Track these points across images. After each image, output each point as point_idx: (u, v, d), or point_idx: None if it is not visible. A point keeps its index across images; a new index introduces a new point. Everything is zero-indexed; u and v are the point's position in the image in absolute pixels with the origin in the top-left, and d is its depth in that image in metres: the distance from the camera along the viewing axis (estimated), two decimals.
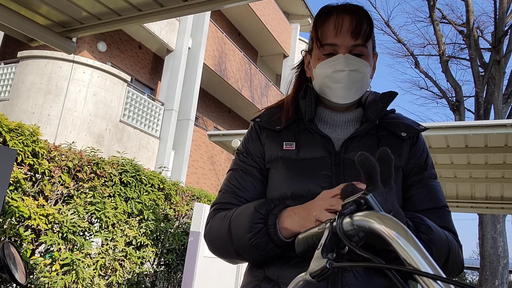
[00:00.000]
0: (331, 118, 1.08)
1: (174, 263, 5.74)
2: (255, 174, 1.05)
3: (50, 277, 4.13)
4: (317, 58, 1.05)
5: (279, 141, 1.04)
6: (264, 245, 0.88)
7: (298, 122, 1.07)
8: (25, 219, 3.93)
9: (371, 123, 1.04)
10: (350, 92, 1.02)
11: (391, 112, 1.11)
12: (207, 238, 1.03)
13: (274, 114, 1.10)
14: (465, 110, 11.60)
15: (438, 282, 0.46)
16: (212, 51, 12.93)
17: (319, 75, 1.04)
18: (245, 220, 0.91)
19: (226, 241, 0.95)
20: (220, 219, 0.99)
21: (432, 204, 1.01)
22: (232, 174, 1.07)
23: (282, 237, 0.87)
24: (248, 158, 1.07)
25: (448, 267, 0.93)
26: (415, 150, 1.06)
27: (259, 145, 1.08)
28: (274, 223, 0.88)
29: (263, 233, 0.88)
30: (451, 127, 3.71)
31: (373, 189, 0.59)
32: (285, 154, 1.01)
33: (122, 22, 1.99)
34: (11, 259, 1.35)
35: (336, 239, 0.58)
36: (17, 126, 3.95)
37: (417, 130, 1.07)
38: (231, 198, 1.02)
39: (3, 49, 10.53)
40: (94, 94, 9.24)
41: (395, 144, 1.02)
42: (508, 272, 9.63)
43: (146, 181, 5.36)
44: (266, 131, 1.08)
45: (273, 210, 0.91)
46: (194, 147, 12.43)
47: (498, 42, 10.59)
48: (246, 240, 0.90)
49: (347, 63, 0.99)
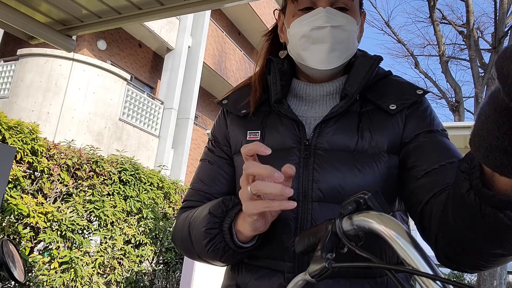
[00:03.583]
0: (306, 92, 0.88)
1: (172, 262, 5.74)
2: (223, 166, 0.90)
3: (48, 275, 4.13)
4: (292, 15, 0.85)
5: (243, 129, 0.88)
6: (222, 252, 0.76)
7: (268, 103, 0.89)
8: (24, 217, 3.93)
9: (350, 98, 0.83)
10: (333, 55, 0.81)
11: (383, 77, 0.88)
12: (173, 239, 0.90)
13: (242, 95, 0.93)
14: (465, 111, 11.62)
15: (437, 282, 0.46)
16: (212, 50, 12.92)
17: (295, 35, 0.84)
18: (200, 224, 0.78)
19: (188, 245, 0.83)
20: (183, 221, 0.86)
21: (447, 157, 0.74)
22: (201, 166, 0.94)
23: (239, 242, 0.75)
24: (216, 147, 0.93)
25: None
26: (415, 116, 0.82)
27: (226, 132, 0.92)
28: (229, 228, 0.74)
29: (219, 239, 0.75)
30: (450, 128, 3.72)
31: (373, 189, 0.59)
32: None
33: (122, 20, 1.98)
34: (9, 257, 1.35)
35: (335, 239, 0.58)
36: (17, 124, 3.95)
37: (412, 96, 0.82)
38: (198, 196, 0.89)
39: (3, 46, 10.53)
40: (93, 93, 9.24)
41: (381, 122, 0.81)
42: (506, 273, 9.64)
43: (145, 180, 5.36)
44: (232, 116, 0.92)
45: (229, 212, 0.76)
46: (194, 146, 12.44)
47: (498, 43, 10.60)
48: (203, 246, 0.77)
49: (329, 18, 0.80)
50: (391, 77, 0.89)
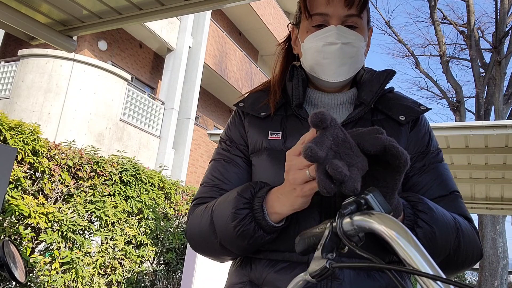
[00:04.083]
0: (322, 100, 0.96)
1: (173, 262, 5.74)
2: (240, 164, 0.94)
3: (49, 275, 4.13)
4: (306, 31, 0.93)
5: (264, 129, 0.93)
6: (252, 232, 0.78)
7: (285, 106, 0.96)
8: (25, 218, 3.93)
9: (365, 106, 0.92)
10: (343, 69, 0.90)
11: (389, 91, 0.98)
12: (188, 234, 0.91)
13: (259, 98, 0.99)
14: (466, 111, 11.60)
15: (437, 283, 0.46)
16: (212, 50, 12.93)
17: (308, 50, 0.92)
18: (227, 207, 0.80)
19: (209, 235, 0.84)
20: (200, 212, 0.88)
21: (439, 191, 0.88)
22: (214, 165, 0.96)
23: (271, 221, 0.78)
24: (232, 147, 0.97)
25: (461, 254, 0.82)
26: (416, 134, 0.94)
27: (242, 132, 0.97)
28: (260, 207, 0.78)
29: (249, 219, 0.78)
30: (451, 128, 3.71)
31: (373, 189, 0.59)
32: (270, 145, 0.90)
33: (123, 21, 1.99)
34: (10, 258, 1.35)
35: (336, 239, 0.58)
36: (17, 124, 3.96)
37: (418, 111, 0.93)
38: (213, 192, 0.91)
39: (4, 47, 10.54)
40: (94, 93, 9.25)
41: (393, 131, 0.91)
42: (507, 273, 9.63)
43: (146, 180, 5.36)
44: (250, 118, 0.97)
45: (258, 192, 0.80)
46: (194, 146, 12.44)
47: (499, 43, 10.59)
48: (231, 229, 0.79)
49: (340, 35, 0.88)
50: (396, 92, 0.99)
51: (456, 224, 0.82)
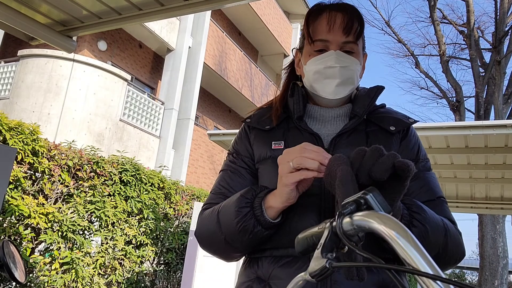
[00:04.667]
0: (320, 114, 1.08)
1: (173, 262, 5.74)
2: (244, 175, 1.06)
3: (49, 275, 4.13)
4: (308, 55, 1.05)
5: (268, 140, 1.05)
6: (252, 227, 0.89)
7: (287, 120, 1.09)
8: (25, 218, 3.93)
9: (359, 118, 1.04)
10: (340, 88, 1.03)
11: (380, 107, 1.11)
12: (197, 234, 1.03)
13: (264, 114, 1.12)
14: (465, 111, 11.60)
15: (437, 282, 0.46)
16: (212, 50, 12.93)
17: (310, 71, 1.05)
18: (232, 206, 0.92)
19: (215, 232, 0.96)
20: (208, 214, 1.00)
21: (427, 196, 0.98)
22: (222, 175, 1.09)
23: (268, 218, 0.89)
24: (238, 159, 1.09)
25: (448, 252, 0.91)
26: (406, 144, 1.05)
27: (247, 146, 1.09)
28: (259, 205, 0.90)
29: (249, 216, 0.89)
30: (451, 127, 3.72)
31: (373, 189, 0.59)
32: (274, 154, 1.01)
33: (123, 21, 1.99)
34: (10, 258, 1.35)
35: (336, 239, 0.58)
36: (17, 124, 3.96)
37: (406, 123, 1.05)
38: (219, 199, 1.04)
39: (4, 47, 10.54)
40: (94, 93, 9.25)
41: (385, 140, 1.02)
42: (507, 273, 9.64)
43: (146, 180, 5.36)
44: (255, 131, 1.10)
45: (259, 193, 0.92)
46: (194, 146, 12.44)
47: (499, 43, 10.59)
48: (234, 225, 0.90)
49: (338, 60, 1.00)
50: (387, 108, 1.12)
51: (444, 224, 0.92)
